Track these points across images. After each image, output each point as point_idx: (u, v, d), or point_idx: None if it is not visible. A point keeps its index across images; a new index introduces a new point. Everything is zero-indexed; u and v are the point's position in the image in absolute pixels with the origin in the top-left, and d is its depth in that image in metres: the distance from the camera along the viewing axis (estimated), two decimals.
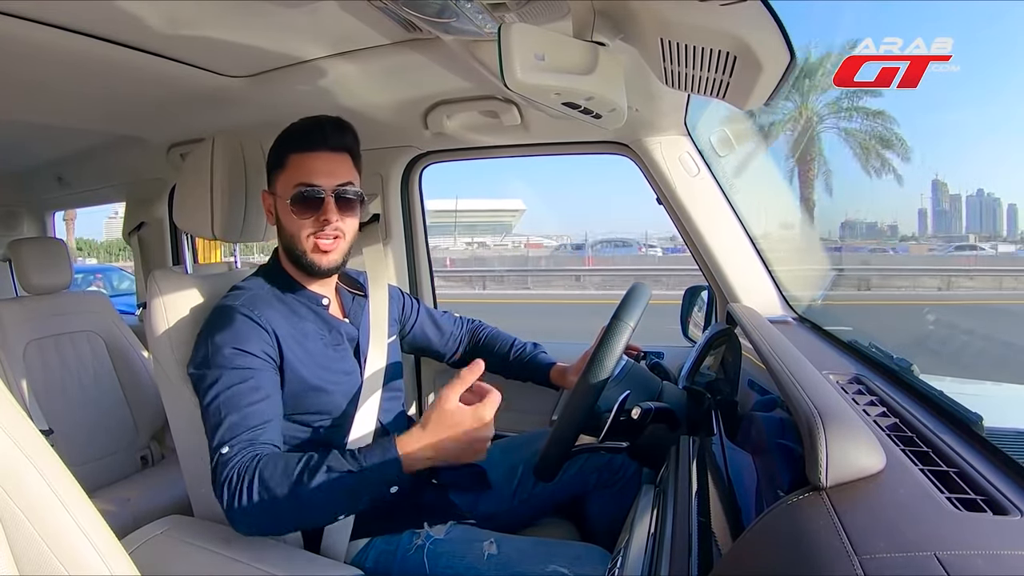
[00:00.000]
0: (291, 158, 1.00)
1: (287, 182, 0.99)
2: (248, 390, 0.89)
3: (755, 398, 0.87)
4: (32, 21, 0.87)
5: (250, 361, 0.91)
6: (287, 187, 0.99)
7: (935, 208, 18.01)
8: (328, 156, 1.00)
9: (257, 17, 0.91)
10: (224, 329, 0.93)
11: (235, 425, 0.86)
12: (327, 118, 1.02)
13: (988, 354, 3.44)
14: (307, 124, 1.01)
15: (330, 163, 1.00)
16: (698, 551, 0.56)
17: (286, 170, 1.00)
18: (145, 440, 1.87)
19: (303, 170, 0.99)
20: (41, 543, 0.46)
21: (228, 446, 0.84)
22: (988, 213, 18.83)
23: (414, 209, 1.70)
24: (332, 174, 0.99)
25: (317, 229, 0.99)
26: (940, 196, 17.93)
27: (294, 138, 1.01)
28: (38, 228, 2.57)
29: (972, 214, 18.47)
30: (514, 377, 1.34)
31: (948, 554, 0.32)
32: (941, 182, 17.83)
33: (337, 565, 0.93)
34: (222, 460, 0.83)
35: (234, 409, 0.87)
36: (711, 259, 1.34)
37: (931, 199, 17.95)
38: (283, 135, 1.02)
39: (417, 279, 1.71)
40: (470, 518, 1.04)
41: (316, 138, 1.00)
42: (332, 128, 1.01)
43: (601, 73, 0.69)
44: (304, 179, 0.98)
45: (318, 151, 1.00)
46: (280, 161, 1.01)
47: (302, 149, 1.00)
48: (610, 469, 1.18)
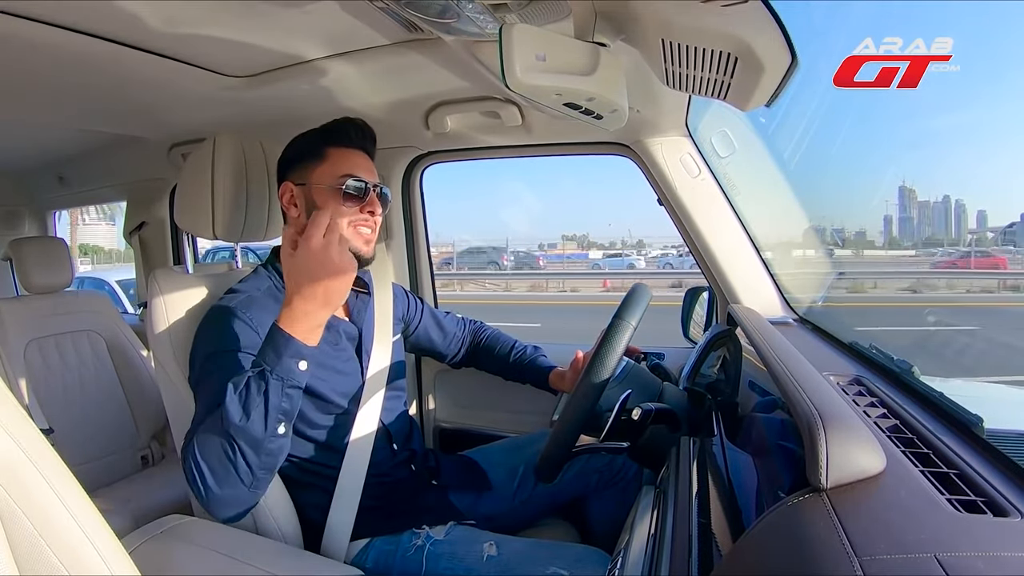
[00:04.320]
0: (331, 151, 1.01)
1: (329, 173, 1.00)
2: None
3: (756, 399, 0.86)
4: (33, 20, 0.87)
5: (238, 362, 0.90)
6: (330, 177, 1.00)
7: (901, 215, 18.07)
8: (364, 156, 1.04)
9: (259, 17, 0.91)
10: (216, 332, 0.93)
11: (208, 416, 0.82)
12: (362, 122, 1.05)
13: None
14: (344, 123, 1.03)
15: (367, 162, 1.04)
16: (698, 552, 0.56)
17: (326, 162, 1.01)
18: (146, 440, 1.87)
19: (348, 163, 1.01)
20: (41, 542, 0.46)
21: (188, 438, 0.81)
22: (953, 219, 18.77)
23: (415, 209, 1.70)
24: (371, 172, 1.04)
25: (359, 220, 1.01)
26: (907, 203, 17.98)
27: (333, 133, 1.03)
28: (39, 228, 2.57)
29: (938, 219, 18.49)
30: (513, 379, 1.34)
31: (948, 555, 0.32)
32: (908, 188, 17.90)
33: (337, 565, 0.93)
34: (183, 450, 0.81)
35: (212, 408, 0.83)
36: (712, 260, 1.34)
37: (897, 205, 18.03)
38: (319, 130, 1.04)
39: (418, 279, 1.71)
40: (470, 519, 1.04)
41: (355, 136, 1.03)
42: (367, 131, 1.05)
43: (602, 74, 0.69)
44: (352, 171, 1.00)
45: (356, 149, 1.03)
46: (318, 153, 1.02)
47: (342, 144, 1.02)
48: (610, 470, 1.18)
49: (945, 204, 18.33)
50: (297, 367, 0.80)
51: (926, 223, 17.90)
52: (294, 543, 0.97)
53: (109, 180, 2.18)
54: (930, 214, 18.18)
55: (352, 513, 0.99)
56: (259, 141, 1.13)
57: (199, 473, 0.77)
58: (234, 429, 0.76)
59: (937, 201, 18.54)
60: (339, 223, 0.83)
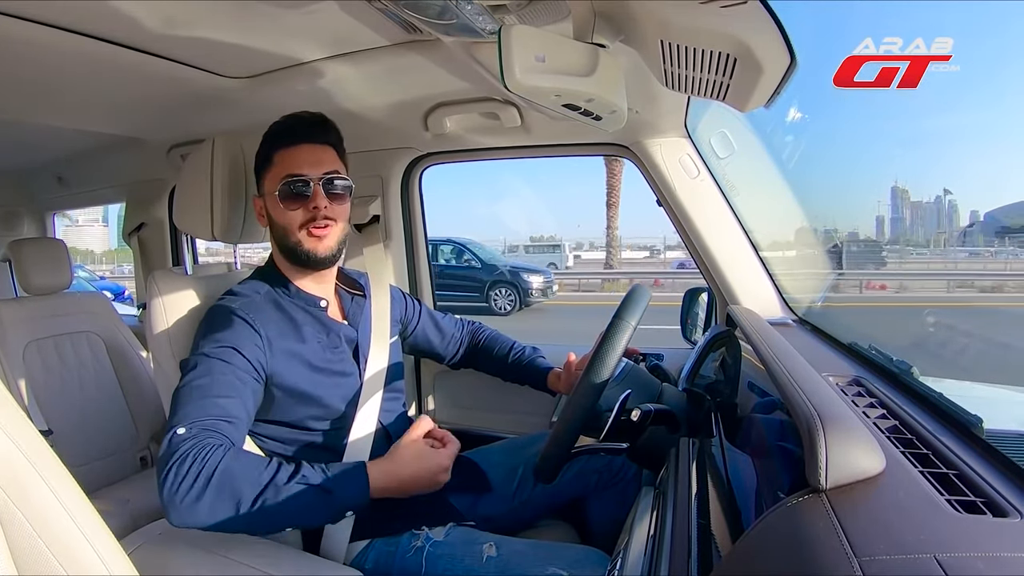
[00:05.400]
0: (277, 155, 1.01)
1: (275, 178, 1.00)
2: (224, 384, 0.87)
3: (755, 400, 0.86)
4: (33, 22, 0.87)
5: (234, 358, 0.90)
6: (275, 182, 1.00)
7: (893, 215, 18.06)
8: (311, 147, 1.01)
9: (257, 18, 0.91)
10: (216, 326, 0.93)
11: (200, 410, 0.82)
12: (308, 114, 1.03)
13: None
14: (288, 120, 1.02)
15: (314, 154, 1.01)
16: (698, 553, 0.56)
17: (273, 167, 1.01)
18: (145, 441, 1.86)
19: (288, 163, 1.00)
20: (40, 543, 0.46)
21: (185, 428, 0.80)
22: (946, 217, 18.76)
23: (414, 211, 1.70)
24: (318, 163, 1.00)
25: (308, 218, 0.99)
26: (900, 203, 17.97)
27: (277, 136, 1.02)
28: (38, 228, 2.57)
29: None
30: (512, 380, 1.34)
31: (947, 556, 0.32)
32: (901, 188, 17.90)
33: (336, 566, 0.92)
34: (176, 439, 0.79)
35: (204, 396, 0.84)
36: (711, 261, 1.34)
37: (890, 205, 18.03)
38: (267, 135, 1.03)
39: (417, 280, 1.71)
40: (470, 520, 1.04)
41: (299, 132, 1.01)
42: (313, 123, 1.02)
43: (601, 75, 0.69)
44: (291, 171, 0.99)
45: (301, 144, 1.01)
46: (267, 160, 1.02)
47: (286, 144, 1.01)
48: (610, 471, 1.18)
49: (938, 204, 18.38)
50: (343, 506, 0.85)
51: (919, 223, 17.93)
52: (293, 544, 0.96)
53: (108, 181, 2.18)
54: (923, 214, 18.21)
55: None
56: (258, 142, 1.13)
57: (186, 493, 0.75)
58: (272, 489, 0.79)
59: (929, 201, 18.59)
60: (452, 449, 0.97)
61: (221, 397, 0.86)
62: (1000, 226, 14.42)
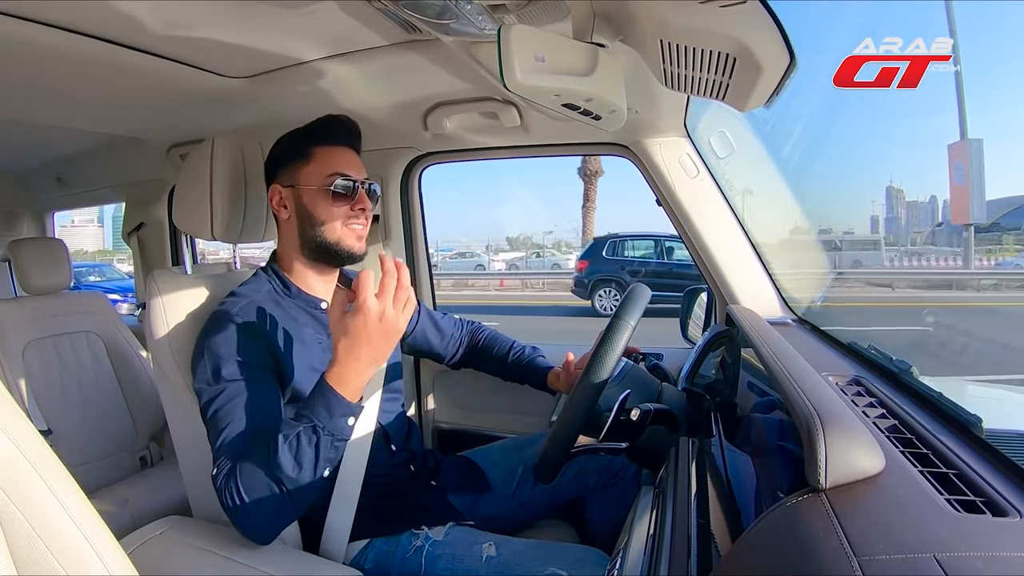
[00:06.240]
0: (317, 150, 1.02)
1: (317, 173, 1.01)
2: (246, 401, 0.88)
3: (754, 400, 0.86)
4: (32, 21, 0.87)
5: (247, 371, 0.90)
6: (318, 177, 1.00)
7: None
8: (350, 151, 1.05)
9: (257, 18, 0.91)
10: (222, 339, 0.92)
11: (232, 434, 0.86)
12: (346, 117, 1.05)
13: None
14: (330, 120, 1.04)
15: (354, 158, 1.05)
16: (697, 553, 0.56)
17: (312, 161, 1.01)
18: (144, 441, 1.86)
19: (335, 161, 1.01)
20: (40, 543, 0.46)
21: (226, 456, 0.84)
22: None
23: (414, 210, 1.70)
24: (359, 169, 1.04)
25: (351, 217, 1.02)
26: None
27: (318, 132, 1.03)
28: (38, 228, 2.57)
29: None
30: (512, 380, 1.34)
31: (947, 556, 0.32)
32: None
33: (336, 566, 0.92)
34: (220, 468, 0.83)
35: (232, 419, 0.87)
36: (711, 261, 1.34)
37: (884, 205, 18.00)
38: (303, 129, 1.04)
39: (417, 281, 1.71)
40: (469, 520, 1.04)
41: (340, 134, 1.04)
42: (353, 131, 1.06)
43: (601, 74, 0.69)
44: (339, 169, 1.01)
45: (342, 146, 1.04)
46: (303, 153, 1.02)
47: (328, 142, 1.03)
48: (609, 471, 1.18)
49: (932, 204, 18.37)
50: (347, 423, 0.83)
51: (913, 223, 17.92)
52: (293, 544, 0.96)
53: (108, 181, 2.18)
54: (917, 214, 18.19)
55: (351, 514, 0.98)
56: (258, 142, 1.13)
57: (243, 509, 0.80)
58: (285, 478, 0.79)
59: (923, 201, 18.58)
60: (387, 284, 0.83)
61: (248, 413, 0.87)
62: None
